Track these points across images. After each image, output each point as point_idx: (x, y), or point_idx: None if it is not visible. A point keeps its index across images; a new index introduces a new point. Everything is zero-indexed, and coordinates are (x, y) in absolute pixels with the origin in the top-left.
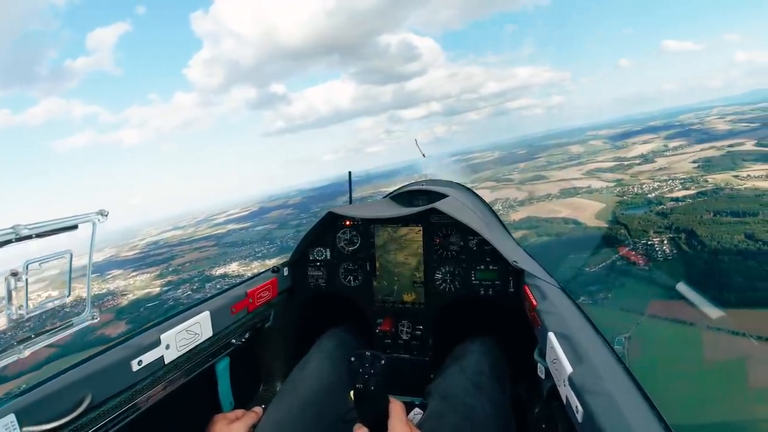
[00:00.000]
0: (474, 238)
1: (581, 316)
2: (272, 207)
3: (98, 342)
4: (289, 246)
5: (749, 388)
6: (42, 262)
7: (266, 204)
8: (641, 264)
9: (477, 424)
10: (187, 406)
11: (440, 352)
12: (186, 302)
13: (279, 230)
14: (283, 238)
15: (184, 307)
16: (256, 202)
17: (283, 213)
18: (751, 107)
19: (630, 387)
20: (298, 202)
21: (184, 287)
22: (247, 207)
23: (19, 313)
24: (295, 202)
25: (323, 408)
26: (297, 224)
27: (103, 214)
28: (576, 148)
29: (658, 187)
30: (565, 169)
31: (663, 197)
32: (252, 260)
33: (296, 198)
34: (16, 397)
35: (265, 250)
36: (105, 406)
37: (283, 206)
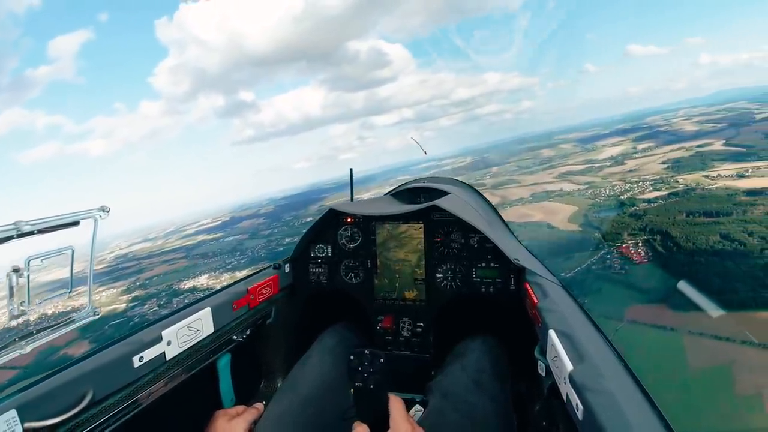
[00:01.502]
0: (475, 235)
1: (582, 314)
2: (243, 217)
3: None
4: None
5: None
6: (43, 258)
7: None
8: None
9: (477, 421)
10: (189, 403)
11: (441, 349)
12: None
13: (250, 240)
14: (255, 248)
15: (185, 303)
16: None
17: (255, 222)
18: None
19: (630, 385)
20: (270, 211)
21: (151, 303)
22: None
23: (20, 309)
24: (266, 211)
25: (324, 404)
26: (269, 234)
27: (105, 210)
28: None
29: (629, 188)
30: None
31: (635, 198)
32: (222, 272)
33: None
34: (17, 393)
35: (235, 262)
36: (106, 402)
37: (255, 216)
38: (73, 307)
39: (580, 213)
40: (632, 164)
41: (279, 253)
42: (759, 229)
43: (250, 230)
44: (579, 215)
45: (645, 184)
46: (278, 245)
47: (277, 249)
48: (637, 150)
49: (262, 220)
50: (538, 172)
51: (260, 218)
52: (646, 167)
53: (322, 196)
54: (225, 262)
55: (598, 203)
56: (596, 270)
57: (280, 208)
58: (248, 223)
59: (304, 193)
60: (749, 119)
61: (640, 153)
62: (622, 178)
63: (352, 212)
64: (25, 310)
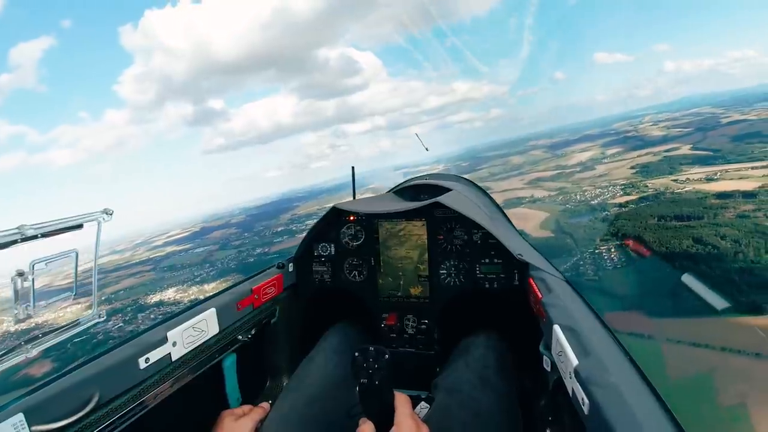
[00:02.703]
0: (478, 231)
1: (587, 309)
2: (214, 227)
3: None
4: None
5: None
6: (48, 262)
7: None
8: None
9: (483, 417)
10: (195, 403)
11: (446, 345)
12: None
13: (220, 251)
14: (225, 259)
15: (189, 304)
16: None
17: (226, 233)
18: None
19: (636, 379)
20: (241, 221)
21: (116, 318)
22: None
23: (26, 312)
24: (237, 221)
25: (330, 403)
26: (239, 245)
27: (108, 212)
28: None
29: (600, 193)
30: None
31: (606, 204)
32: (190, 285)
33: (239, 217)
34: (24, 397)
35: (204, 274)
36: (113, 403)
37: (226, 225)
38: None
39: (551, 219)
40: (602, 169)
41: (250, 264)
42: (731, 232)
43: (221, 241)
44: (551, 221)
45: (615, 188)
46: (249, 256)
47: (247, 260)
48: (606, 155)
49: (233, 230)
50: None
51: (231, 228)
52: (615, 172)
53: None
54: (194, 274)
55: (570, 209)
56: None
57: (252, 217)
58: (219, 233)
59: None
60: (715, 123)
61: (609, 158)
62: (592, 183)
63: (354, 210)
64: (30, 313)
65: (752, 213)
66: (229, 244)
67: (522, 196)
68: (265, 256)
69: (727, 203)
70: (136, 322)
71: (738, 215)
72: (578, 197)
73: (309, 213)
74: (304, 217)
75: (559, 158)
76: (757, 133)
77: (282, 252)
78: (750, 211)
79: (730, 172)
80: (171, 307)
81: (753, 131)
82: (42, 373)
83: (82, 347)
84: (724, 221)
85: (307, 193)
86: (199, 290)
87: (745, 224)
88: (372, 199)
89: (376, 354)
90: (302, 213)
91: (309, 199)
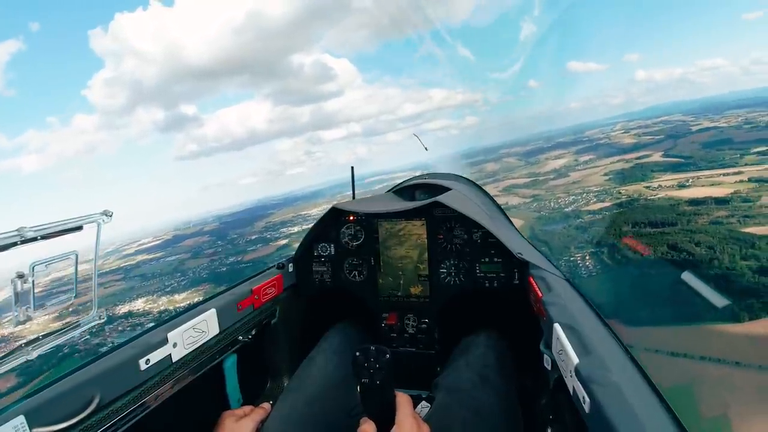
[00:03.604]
0: (478, 230)
1: (587, 308)
2: (187, 235)
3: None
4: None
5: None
6: (48, 264)
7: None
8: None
9: (484, 416)
10: (196, 404)
11: (446, 345)
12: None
13: (192, 260)
14: (197, 268)
15: (190, 305)
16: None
17: (199, 241)
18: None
19: (637, 378)
20: (215, 228)
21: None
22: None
23: (26, 314)
24: (211, 229)
25: (331, 403)
26: (212, 253)
27: (108, 214)
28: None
29: (574, 200)
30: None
31: (580, 210)
32: (160, 295)
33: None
34: (25, 399)
35: (175, 283)
36: (114, 405)
37: (199, 233)
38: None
39: (526, 226)
40: (575, 176)
41: (222, 273)
42: (705, 238)
43: (193, 249)
44: (525, 229)
45: (589, 195)
46: (221, 265)
47: (220, 269)
48: (579, 162)
49: (207, 237)
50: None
51: (204, 236)
52: (589, 179)
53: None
54: (164, 284)
55: (544, 216)
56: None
57: (226, 225)
58: (191, 241)
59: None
60: (686, 131)
61: (582, 165)
62: (566, 191)
63: (354, 210)
64: (30, 315)
65: (725, 219)
66: (202, 252)
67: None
68: (238, 265)
69: (700, 209)
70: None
71: (711, 221)
72: (552, 204)
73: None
74: (279, 224)
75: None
76: (728, 140)
77: (256, 261)
78: (723, 217)
79: (702, 179)
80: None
81: (723, 138)
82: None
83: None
84: (698, 228)
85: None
86: (169, 300)
87: (719, 230)
88: (371, 199)
89: (377, 353)
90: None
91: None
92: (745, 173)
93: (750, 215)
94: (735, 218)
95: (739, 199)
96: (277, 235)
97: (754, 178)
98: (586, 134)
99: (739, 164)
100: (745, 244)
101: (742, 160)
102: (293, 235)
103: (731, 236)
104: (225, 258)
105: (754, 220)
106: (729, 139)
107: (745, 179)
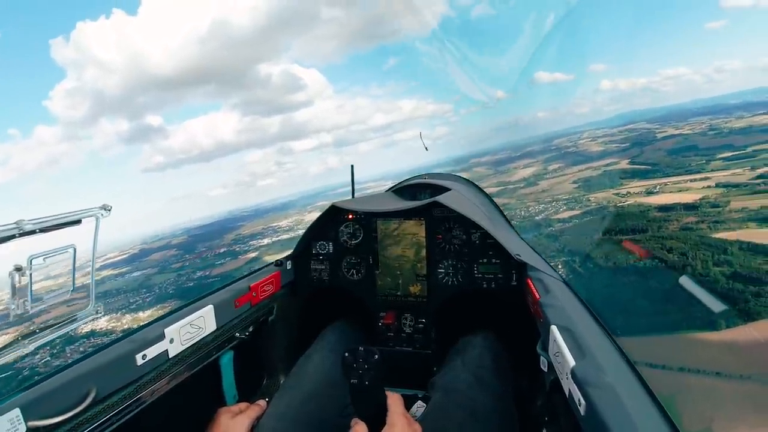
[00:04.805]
0: (477, 231)
1: (584, 310)
2: (154, 249)
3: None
4: (168, 294)
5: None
6: (46, 257)
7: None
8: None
9: (479, 417)
10: (192, 400)
11: (443, 345)
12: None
13: (159, 275)
14: (163, 283)
15: (187, 301)
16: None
17: (166, 254)
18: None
19: (632, 380)
20: (183, 241)
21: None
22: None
23: (23, 307)
24: (179, 242)
25: (326, 401)
26: (179, 267)
27: (107, 208)
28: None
29: (544, 209)
30: None
31: (551, 219)
32: (125, 313)
33: (181, 237)
34: (20, 392)
35: (140, 300)
36: (109, 399)
37: (167, 247)
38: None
39: None
40: (545, 185)
41: (189, 288)
42: (677, 245)
43: (160, 264)
44: None
45: (559, 203)
46: (188, 280)
47: (187, 284)
48: (548, 171)
49: (174, 251)
50: None
51: (172, 250)
52: (558, 187)
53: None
54: (129, 301)
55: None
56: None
57: (194, 238)
58: (159, 255)
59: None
60: (651, 138)
61: (551, 174)
62: (536, 199)
63: (353, 209)
64: (27, 308)
65: (696, 225)
66: (169, 267)
67: None
68: (205, 280)
69: (669, 216)
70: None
71: (682, 227)
72: (523, 213)
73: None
74: (248, 237)
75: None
76: (693, 146)
77: (224, 275)
78: (693, 223)
79: (669, 185)
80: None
81: (688, 145)
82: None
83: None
84: (668, 234)
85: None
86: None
87: (689, 237)
88: (371, 198)
89: (365, 354)
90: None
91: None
92: (712, 179)
93: (720, 220)
94: (705, 224)
95: (708, 205)
96: (246, 248)
97: (721, 184)
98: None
99: (706, 170)
100: (717, 250)
101: (708, 166)
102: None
103: (703, 242)
104: (192, 272)
105: (725, 225)
106: (694, 145)
107: (712, 185)
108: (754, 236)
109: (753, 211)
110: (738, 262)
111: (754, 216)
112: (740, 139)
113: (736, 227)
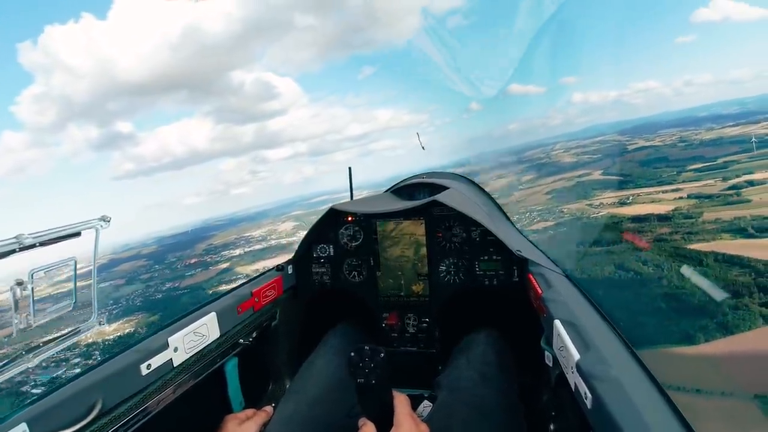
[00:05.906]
0: (477, 229)
1: (587, 303)
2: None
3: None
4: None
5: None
6: (47, 270)
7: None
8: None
9: (486, 414)
10: (198, 408)
11: (447, 343)
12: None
13: (127, 286)
14: (131, 295)
15: (190, 309)
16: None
17: (135, 265)
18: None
19: (638, 372)
20: (153, 251)
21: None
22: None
23: (26, 321)
24: (149, 252)
25: (332, 404)
26: (148, 278)
27: (106, 219)
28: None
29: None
30: None
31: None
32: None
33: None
34: (27, 407)
35: (107, 313)
36: (115, 411)
37: (136, 257)
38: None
39: None
40: (518, 195)
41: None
42: (652, 256)
43: (129, 274)
44: None
45: (533, 214)
46: (157, 292)
47: (155, 296)
48: (522, 182)
49: (144, 261)
50: None
51: (141, 260)
52: (531, 198)
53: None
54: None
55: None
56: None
57: (165, 247)
58: (128, 265)
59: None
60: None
61: (524, 185)
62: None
63: (352, 211)
64: (30, 322)
65: (669, 236)
66: (137, 277)
67: None
68: (174, 291)
69: (643, 227)
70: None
71: (656, 238)
72: None
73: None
74: (221, 247)
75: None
76: (664, 158)
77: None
78: (667, 234)
79: (642, 196)
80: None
81: (659, 156)
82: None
83: None
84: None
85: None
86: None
87: (664, 248)
88: (370, 199)
89: (371, 353)
90: (219, 243)
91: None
92: (684, 190)
93: (693, 231)
94: (679, 235)
95: (681, 216)
96: (218, 259)
97: (693, 195)
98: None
99: (677, 181)
100: (692, 262)
101: (679, 177)
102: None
103: (678, 253)
104: (161, 284)
105: (698, 236)
106: (665, 157)
107: (684, 195)
108: (728, 248)
109: (726, 222)
110: (714, 274)
111: (728, 227)
112: (710, 151)
113: (710, 238)
